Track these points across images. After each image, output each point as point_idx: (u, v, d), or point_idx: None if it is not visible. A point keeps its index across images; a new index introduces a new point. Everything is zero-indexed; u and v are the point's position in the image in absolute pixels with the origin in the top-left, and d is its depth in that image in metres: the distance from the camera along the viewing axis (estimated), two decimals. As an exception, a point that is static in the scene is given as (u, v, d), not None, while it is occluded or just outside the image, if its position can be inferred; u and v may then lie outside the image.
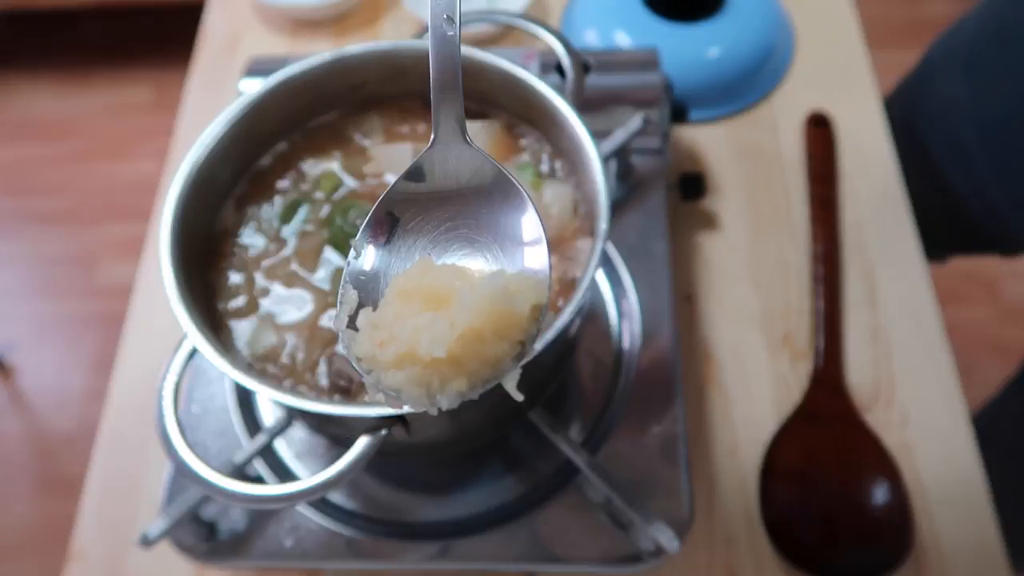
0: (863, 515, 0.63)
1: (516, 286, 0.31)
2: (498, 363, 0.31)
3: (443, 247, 0.34)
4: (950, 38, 0.89)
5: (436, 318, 0.30)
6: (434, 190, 0.35)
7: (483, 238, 0.34)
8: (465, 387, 0.30)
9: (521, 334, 0.31)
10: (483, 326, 0.30)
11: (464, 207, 0.35)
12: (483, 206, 0.34)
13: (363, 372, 0.32)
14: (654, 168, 0.75)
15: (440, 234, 0.34)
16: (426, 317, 0.30)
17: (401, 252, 0.34)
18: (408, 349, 0.30)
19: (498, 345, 0.31)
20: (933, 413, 0.69)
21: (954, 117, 0.85)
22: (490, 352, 0.30)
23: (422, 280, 0.32)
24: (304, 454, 0.64)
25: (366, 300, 0.33)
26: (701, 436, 0.69)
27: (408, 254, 0.34)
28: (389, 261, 0.34)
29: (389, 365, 0.31)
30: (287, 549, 0.60)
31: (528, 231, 0.33)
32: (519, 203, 0.34)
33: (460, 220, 0.34)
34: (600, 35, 0.91)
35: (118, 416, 0.73)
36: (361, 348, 0.32)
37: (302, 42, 0.99)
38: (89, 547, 0.67)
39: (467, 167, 0.35)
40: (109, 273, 2.02)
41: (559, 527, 0.59)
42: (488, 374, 0.31)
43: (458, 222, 0.34)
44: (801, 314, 0.75)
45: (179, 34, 1.82)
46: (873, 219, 0.80)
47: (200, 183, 0.54)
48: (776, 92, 0.90)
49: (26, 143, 2.27)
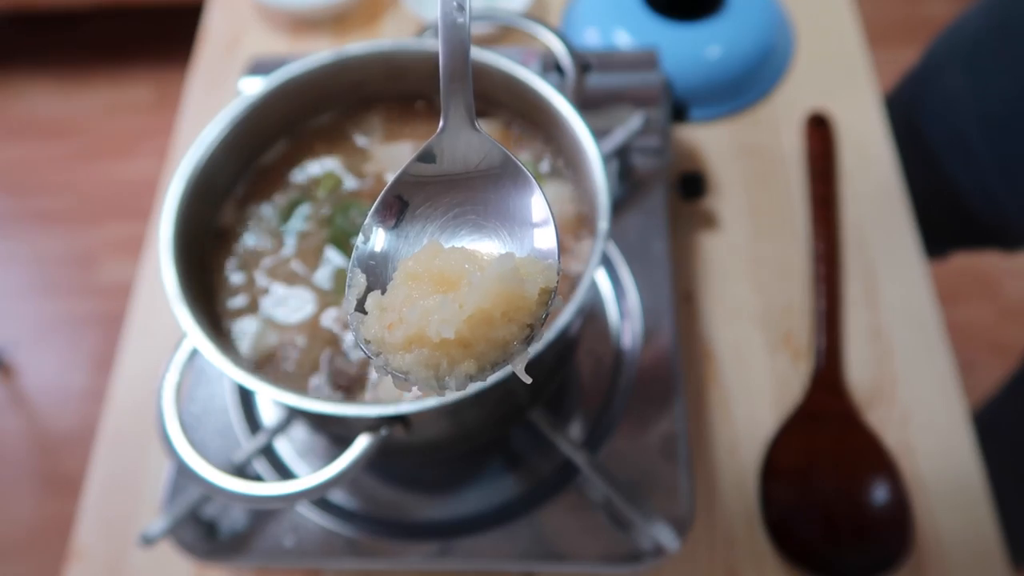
0: (863, 514, 0.63)
1: (526, 269, 0.31)
2: (507, 345, 0.31)
3: (451, 233, 0.34)
4: (952, 34, 0.90)
5: (446, 300, 0.30)
6: (443, 174, 0.35)
7: (491, 224, 0.34)
8: (474, 369, 0.30)
9: (530, 317, 0.31)
10: (492, 308, 0.30)
11: (472, 192, 0.35)
12: (491, 190, 0.34)
13: (371, 355, 0.32)
14: (654, 167, 0.75)
15: (448, 220, 0.34)
16: (435, 299, 0.30)
17: (410, 237, 0.34)
18: (417, 331, 0.30)
19: (507, 327, 0.31)
20: (933, 412, 0.69)
21: (956, 111, 0.85)
22: (499, 334, 0.30)
23: (431, 263, 0.31)
24: (304, 453, 0.64)
25: (374, 284, 0.33)
26: (701, 435, 0.69)
27: (416, 239, 0.34)
28: (397, 246, 0.34)
29: (398, 347, 0.31)
30: (287, 548, 0.60)
31: (536, 212, 0.33)
32: (526, 186, 0.34)
33: (468, 206, 0.34)
34: (600, 34, 0.91)
35: (118, 415, 0.73)
36: (370, 330, 0.32)
37: (302, 42, 0.99)
38: (89, 546, 0.67)
39: (476, 152, 0.35)
40: (110, 272, 2.02)
41: (559, 526, 0.59)
42: (497, 356, 0.31)
43: (466, 208, 0.34)
44: (801, 313, 0.75)
45: (179, 34, 1.82)
46: (873, 218, 0.80)
47: (200, 182, 0.54)
48: (776, 91, 0.90)
49: (27, 143, 2.27)
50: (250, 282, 0.56)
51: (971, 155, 0.84)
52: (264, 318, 0.54)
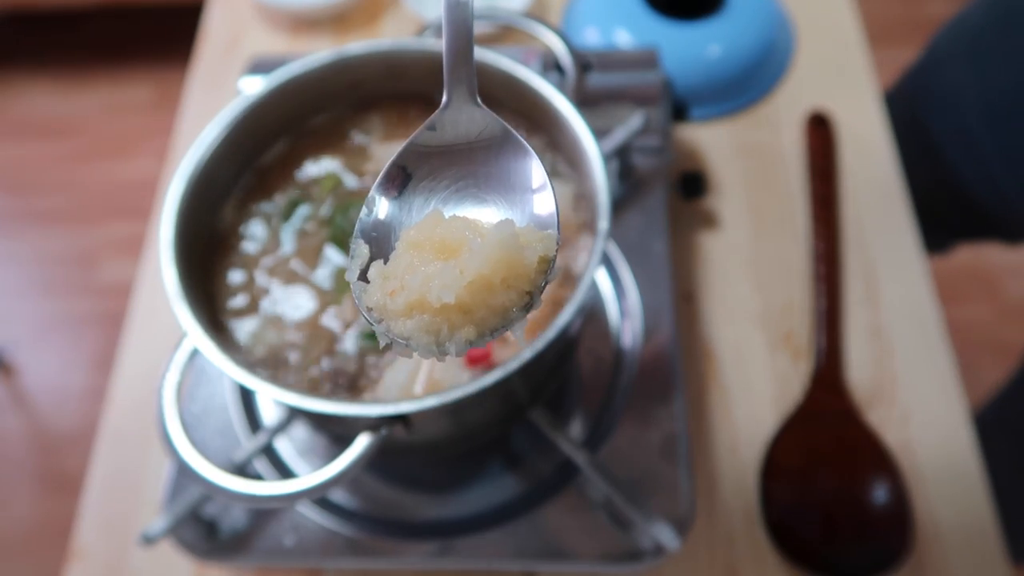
0: (863, 513, 0.63)
1: (525, 238, 0.32)
2: (506, 312, 0.32)
3: (454, 204, 0.35)
4: (954, 27, 0.90)
5: (447, 266, 0.31)
6: (446, 144, 0.36)
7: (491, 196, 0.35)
8: (474, 335, 0.31)
9: (529, 284, 0.32)
10: (492, 274, 0.31)
11: (473, 164, 0.36)
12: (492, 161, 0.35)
13: (374, 322, 0.32)
14: (655, 166, 0.75)
15: (451, 193, 0.35)
16: (437, 266, 0.31)
17: (412, 209, 0.35)
18: (418, 297, 0.31)
19: (506, 294, 0.31)
20: (933, 412, 0.69)
21: (959, 103, 0.85)
22: (498, 301, 0.31)
23: (433, 231, 0.32)
24: (305, 453, 0.64)
25: (377, 254, 0.34)
26: (701, 435, 0.69)
27: (419, 211, 0.35)
28: (400, 217, 0.35)
29: (399, 313, 0.31)
30: (288, 548, 0.60)
31: (535, 179, 0.35)
32: (524, 154, 0.35)
33: (470, 179, 0.35)
34: (601, 34, 0.91)
35: (119, 415, 0.73)
36: (372, 298, 0.32)
37: (302, 41, 0.99)
38: (90, 545, 0.67)
39: (477, 125, 0.36)
40: (110, 272, 2.02)
41: (559, 525, 0.59)
42: (496, 323, 0.32)
43: (468, 181, 0.35)
44: (802, 313, 0.75)
45: (179, 34, 1.82)
46: (874, 217, 0.80)
47: (201, 182, 0.54)
48: (776, 90, 0.90)
49: (27, 142, 2.27)
50: (250, 281, 0.56)
51: (975, 145, 0.84)
52: (264, 317, 0.54)
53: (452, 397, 0.44)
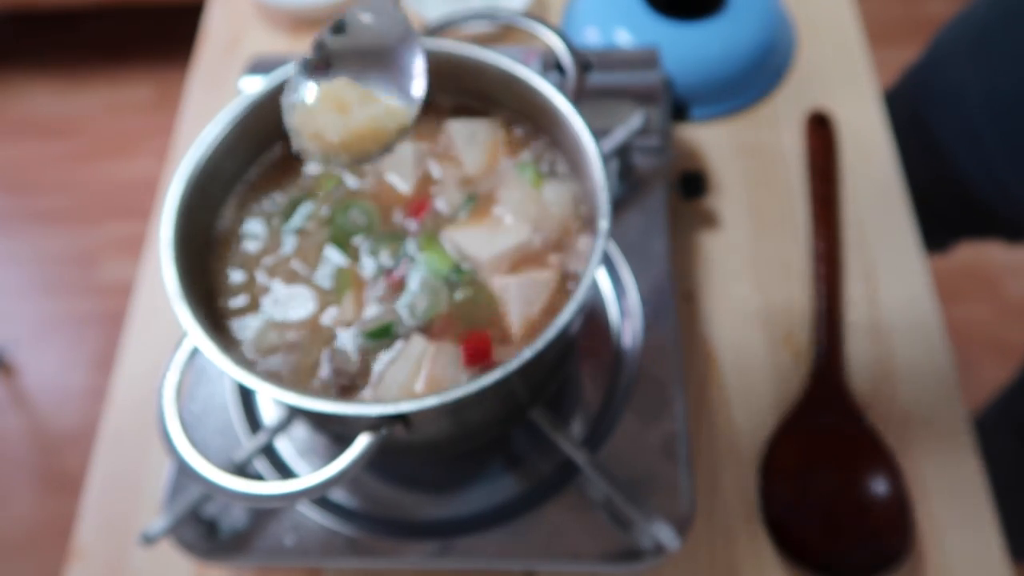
0: (863, 513, 0.63)
1: (390, 111, 0.48)
2: (370, 153, 0.48)
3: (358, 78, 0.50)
4: (957, 25, 0.90)
5: (339, 117, 0.48)
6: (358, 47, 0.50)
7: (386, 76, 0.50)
8: (347, 160, 0.48)
9: (388, 140, 0.48)
10: (363, 131, 0.47)
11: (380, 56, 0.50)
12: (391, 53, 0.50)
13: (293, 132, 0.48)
14: (655, 166, 0.75)
15: (360, 70, 0.50)
16: (333, 115, 0.48)
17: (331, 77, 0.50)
18: (317, 132, 0.47)
19: (372, 144, 0.48)
20: (933, 412, 0.69)
21: (962, 99, 0.85)
22: (365, 146, 0.48)
23: (339, 92, 0.48)
24: (305, 452, 0.65)
25: None
26: (701, 434, 0.69)
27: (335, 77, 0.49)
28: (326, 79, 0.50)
29: (309, 137, 0.48)
30: (288, 547, 0.60)
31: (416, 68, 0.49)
32: (416, 51, 0.49)
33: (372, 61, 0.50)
34: (601, 33, 0.91)
35: (119, 414, 0.73)
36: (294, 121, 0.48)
37: (302, 41, 0.99)
38: (90, 545, 0.67)
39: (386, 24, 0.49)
40: (110, 271, 2.02)
41: (560, 525, 0.59)
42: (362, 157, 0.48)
43: (371, 63, 0.50)
44: (802, 312, 0.75)
45: (179, 34, 1.82)
46: (874, 217, 0.80)
47: (201, 181, 0.54)
48: (777, 90, 0.90)
49: (27, 142, 2.27)
50: (251, 281, 0.56)
51: (978, 142, 0.84)
52: (265, 317, 0.54)
53: (452, 396, 0.44)
